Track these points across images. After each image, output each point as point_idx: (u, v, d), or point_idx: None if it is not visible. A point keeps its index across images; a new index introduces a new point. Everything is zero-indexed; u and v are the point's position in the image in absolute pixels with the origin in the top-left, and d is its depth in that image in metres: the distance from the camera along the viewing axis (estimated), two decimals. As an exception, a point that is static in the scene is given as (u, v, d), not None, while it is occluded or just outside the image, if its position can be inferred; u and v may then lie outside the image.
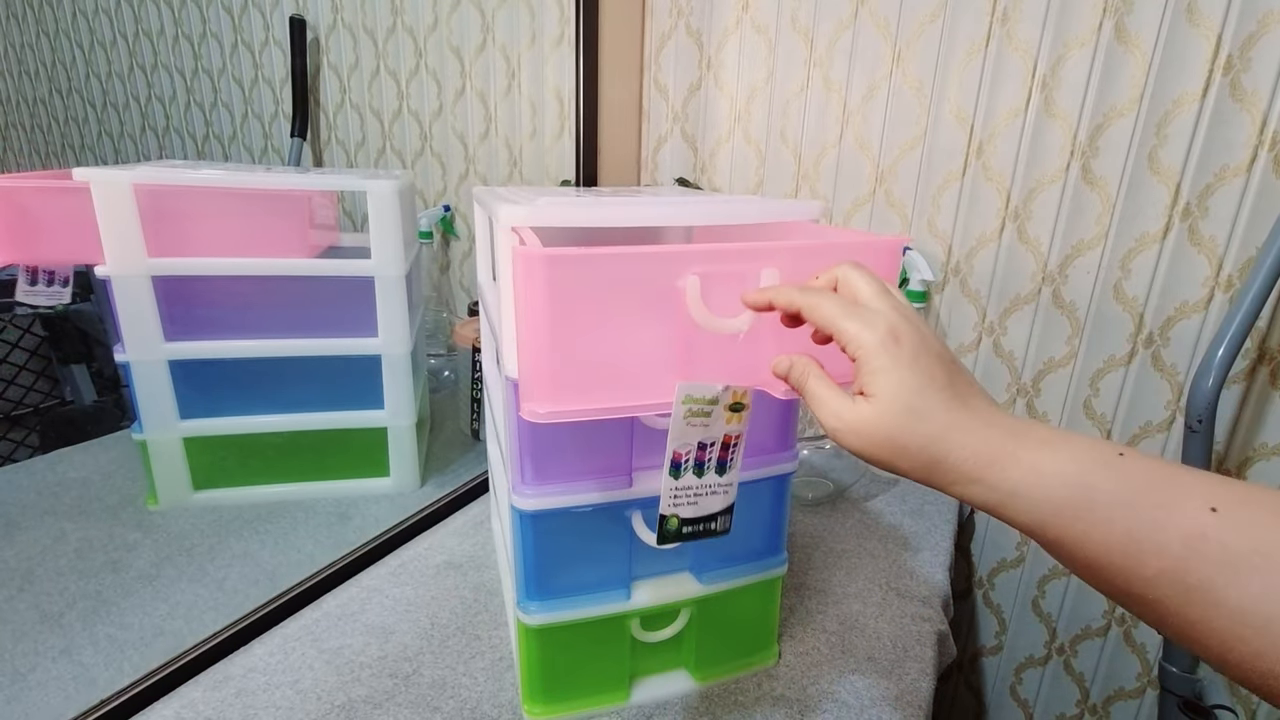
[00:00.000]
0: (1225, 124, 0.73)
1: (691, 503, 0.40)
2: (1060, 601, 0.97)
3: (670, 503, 0.40)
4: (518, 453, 0.49)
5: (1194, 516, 0.24)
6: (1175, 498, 0.25)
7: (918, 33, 0.87)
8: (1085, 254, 0.84)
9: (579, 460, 0.50)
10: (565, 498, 0.49)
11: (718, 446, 0.39)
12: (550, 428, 0.47)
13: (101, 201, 0.64)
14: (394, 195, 0.74)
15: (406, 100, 1.04)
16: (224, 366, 0.74)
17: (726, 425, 0.39)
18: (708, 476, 0.40)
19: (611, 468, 0.50)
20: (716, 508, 0.41)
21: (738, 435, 0.40)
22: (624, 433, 0.50)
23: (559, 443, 0.49)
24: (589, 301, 0.35)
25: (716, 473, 0.40)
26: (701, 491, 0.40)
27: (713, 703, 0.58)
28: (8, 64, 0.71)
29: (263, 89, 0.89)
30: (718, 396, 0.37)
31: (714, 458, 0.40)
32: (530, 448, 0.48)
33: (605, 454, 0.50)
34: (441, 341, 1.11)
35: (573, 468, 0.50)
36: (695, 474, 0.40)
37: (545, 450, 0.49)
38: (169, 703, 0.55)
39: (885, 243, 0.42)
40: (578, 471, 0.50)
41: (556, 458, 0.49)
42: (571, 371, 0.35)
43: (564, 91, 1.01)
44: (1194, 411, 0.72)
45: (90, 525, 0.71)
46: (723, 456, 0.40)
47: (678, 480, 0.39)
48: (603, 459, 0.50)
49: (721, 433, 0.39)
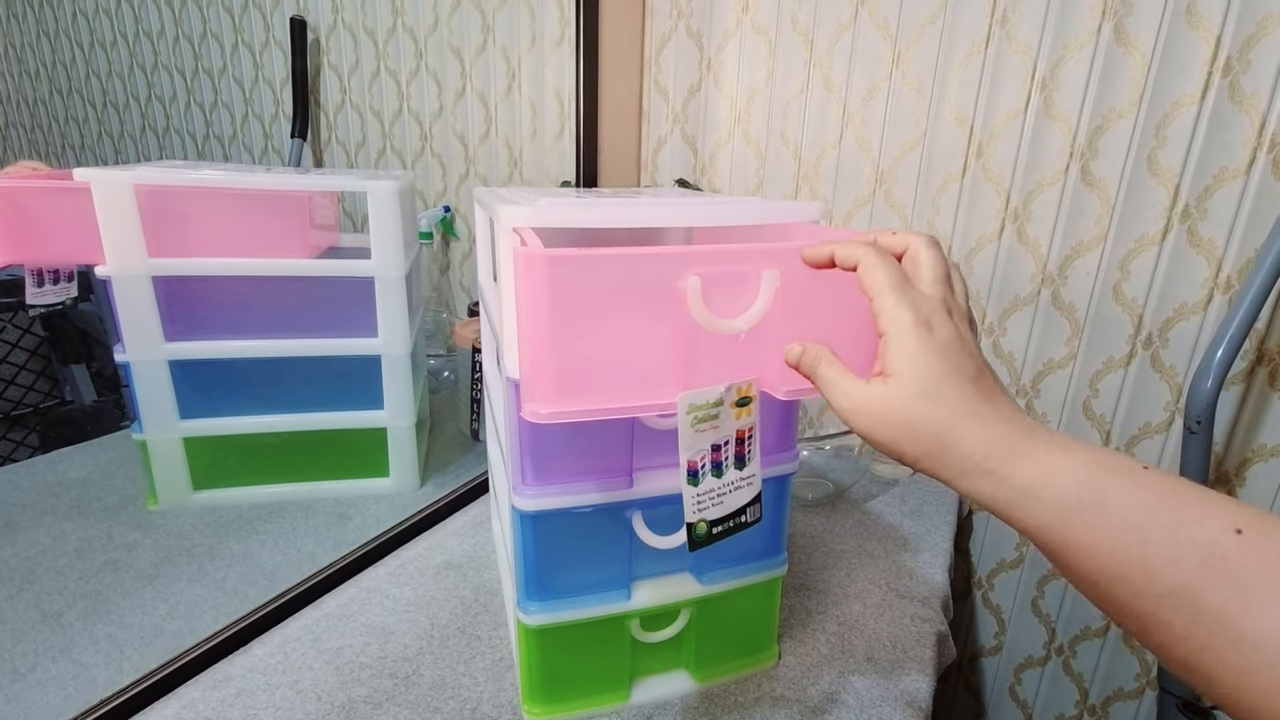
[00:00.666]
0: (1224, 126, 0.73)
1: (717, 503, 0.40)
2: (1059, 602, 0.97)
3: (695, 510, 0.39)
4: (518, 453, 0.49)
5: (1216, 536, 0.23)
6: (1197, 514, 0.24)
7: (917, 34, 0.87)
8: (1085, 255, 0.84)
9: (579, 461, 0.50)
10: (565, 498, 0.50)
11: (732, 444, 0.39)
12: (551, 428, 0.47)
13: (102, 202, 0.64)
14: (394, 196, 0.74)
15: (407, 101, 1.04)
16: (224, 366, 0.74)
17: (736, 421, 0.38)
18: (728, 474, 0.40)
19: (612, 468, 0.50)
20: (743, 501, 0.41)
21: (750, 428, 0.39)
22: (624, 433, 0.50)
23: (559, 443, 0.49)
24: (590, 302, 0.34)
25: (736, 468, 0.40)
26: (725, 490, 0.40)
27: (713, 703, 0.58)
28: (8, 64, 0.71)
29: (263, 89, 0.89)
30: (721, 398, 0.37)
31: (730, 455, 0.39)
32: (531, 448, 0.49)
33: (606, 454, 0.50)
34: (441, 342, 1.11)
35: (573, 468, 0.50)
36: (715, 476, 0.39)
37: (545, 451, 0.49)
38: (169, 703, 0.55)
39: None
40: (578, 472, 0.50)
41: (557, 458, 0.49)
42: (573, 372, 0.35)
43: (564, 92, 1.01)
44: (1193, 413, 0.72)
45: (90, 525, 0.71)
46: (739, 451, 0.39)
47: (698, 487, 0.39)
48: (603, 459, 0.50)
49: (733, 429, 0.38)
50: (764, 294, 0.37)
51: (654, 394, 0.37)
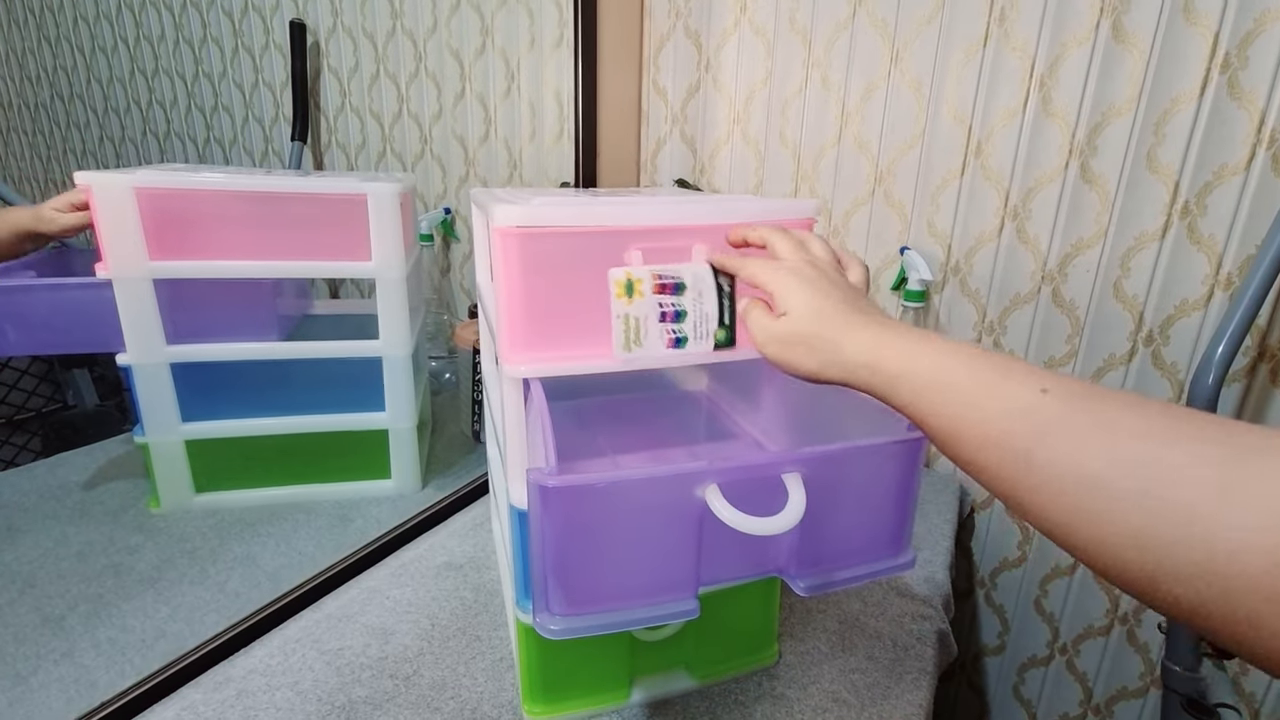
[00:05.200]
0: (1223, 122, 0.73)
1: (704, 328, 0.46)
2: (1063, 601, 0.96)
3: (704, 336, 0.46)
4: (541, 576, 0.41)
5: (1027, 395, 0.29)
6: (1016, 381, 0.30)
7: (915, 33, 0.87)
8: (1084, 253, 0.84)
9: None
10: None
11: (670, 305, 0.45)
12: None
13: (103, 205, 0.64)
14: (394, 198, 0.74)
15: (406, 103, 1.04)
16: (225, 369, 0.74)
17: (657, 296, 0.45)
18: (690, 316, 0.46)
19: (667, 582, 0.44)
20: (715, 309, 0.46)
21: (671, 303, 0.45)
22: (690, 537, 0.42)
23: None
24: (554, 268, 0.44)
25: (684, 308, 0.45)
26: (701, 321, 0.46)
27: (712, 702, 0.58)
28: (9, 69, 0.71)
29: (263, 93, 0.90)
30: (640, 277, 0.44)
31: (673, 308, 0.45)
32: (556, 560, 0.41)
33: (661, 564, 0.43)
34: (443, 344, 1.11)
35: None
36: (679, 322, 0.45)
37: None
38: (169, 704, 0.55)
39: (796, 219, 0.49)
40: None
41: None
42: (543, 325, 0.45)
43: (563, 94, 1.02)
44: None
45: (92, 528, 0.71)
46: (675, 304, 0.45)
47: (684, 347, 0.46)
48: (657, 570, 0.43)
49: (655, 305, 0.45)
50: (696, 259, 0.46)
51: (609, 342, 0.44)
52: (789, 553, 0.44)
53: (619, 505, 0.39)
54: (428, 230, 1.05)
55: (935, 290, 0.95)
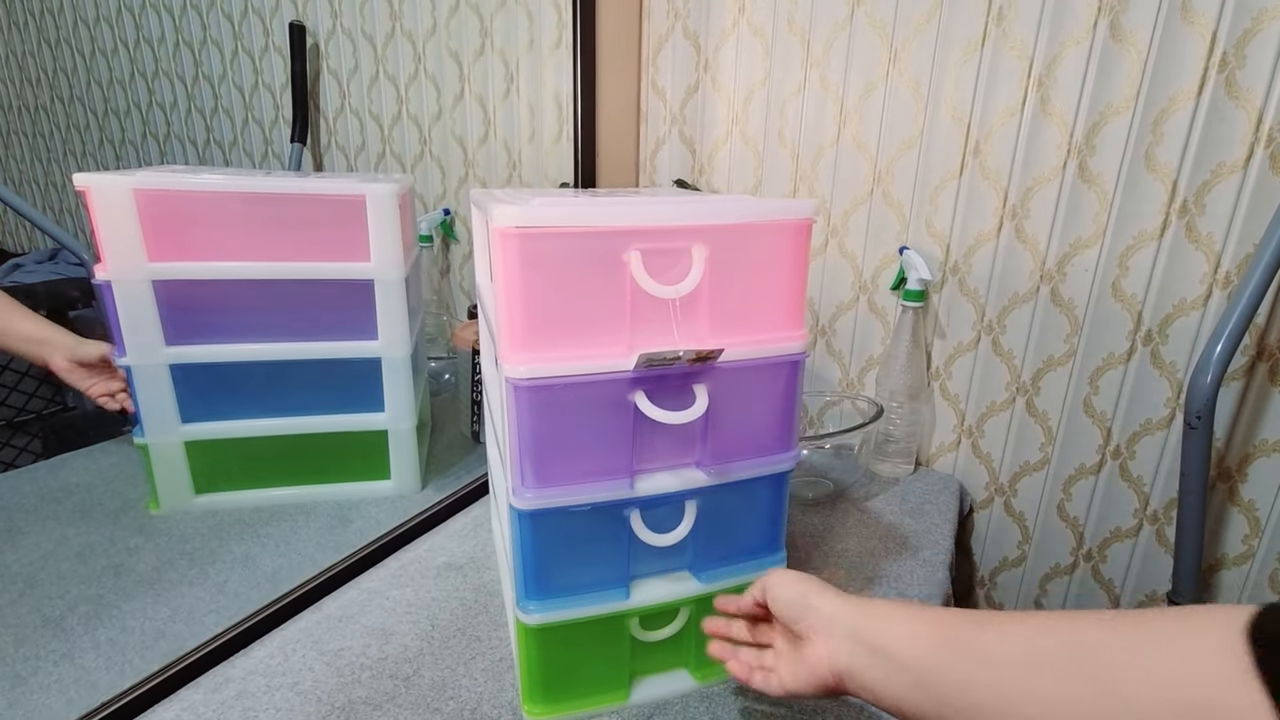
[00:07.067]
0: (1221, 121, 0.73)
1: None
2: (1063, 601, 0.96)
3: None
4: (517, 454, 0.49)
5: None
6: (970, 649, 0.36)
7: (914, 33, 0.87)
8: (1083, 252, 0.84)
9: (579, 461, 0.50)
10: (564, 497, 0.50)
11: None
12: (549, 425, 0.48)
13: (101, 206, 0.64)
14: (393, 198, 0.74)
15: (406, 105, 1.04)
16: (225, 370, 0.74)
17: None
18: None
19: (611, 469, 0.51)
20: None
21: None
22: (625, 432, 0.50)
23: (558, 442, 0.49)
24: (554, 269, 0.45)
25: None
26: None
27: (713, 702, 0.58)
28: (9, 71, 0.72)
29: (263, 94, 0.90)
30: (679, 355, 0.46)
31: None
32: (530, 447, 0.49)
33: (605, 454, 0.50)
34: (442, 345, 1.11)
35: (572, 468, 0.50)
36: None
37: (545, 451, 0.49)
38: (169, 705, 0.55)
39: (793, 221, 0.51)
40: (577, 472, 0.50)
41: (556, 457, 0.49)
42: (542, 326, 0.46)
43: (562, 95, 1.02)
44: (1193, 408, 0.72)
45: (92, 530, 0.71)
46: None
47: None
48: (602, 459, 0.50)
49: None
50: (696, 265, 0.48)
51: (611, 343, 0.47)
52: (700, 447, 0.53)
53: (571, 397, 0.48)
54: (427, 231, 1.05)
55: (934, 290, 0.95)
